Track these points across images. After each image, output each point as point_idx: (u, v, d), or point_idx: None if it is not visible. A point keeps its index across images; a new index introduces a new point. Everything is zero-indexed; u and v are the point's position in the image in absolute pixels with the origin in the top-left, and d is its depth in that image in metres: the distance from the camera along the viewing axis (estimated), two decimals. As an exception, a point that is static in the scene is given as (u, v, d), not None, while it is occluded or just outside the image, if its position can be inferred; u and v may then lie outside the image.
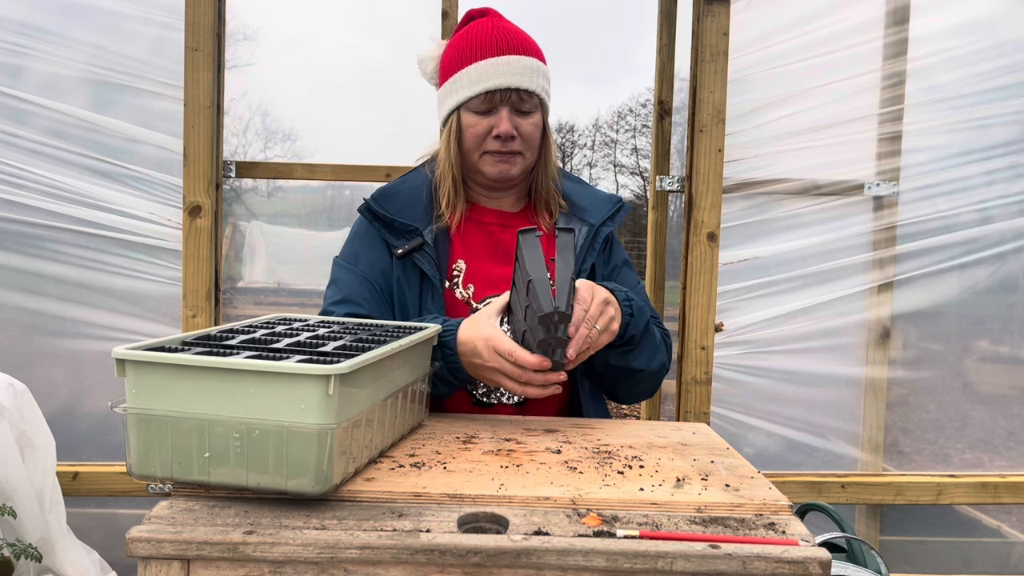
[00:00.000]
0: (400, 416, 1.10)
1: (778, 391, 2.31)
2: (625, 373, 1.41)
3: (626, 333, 1.31)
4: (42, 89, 2.15)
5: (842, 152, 2.30)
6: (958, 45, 2.28)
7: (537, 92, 1.45)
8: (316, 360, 0.90)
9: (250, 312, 2.42)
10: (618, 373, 1.42)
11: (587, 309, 1.21)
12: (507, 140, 1.43)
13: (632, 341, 1.34)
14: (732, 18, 2.17)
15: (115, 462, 2.19)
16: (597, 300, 1.23)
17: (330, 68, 2.45)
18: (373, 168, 2.30)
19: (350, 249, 1.53)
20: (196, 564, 0.80)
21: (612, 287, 1.32)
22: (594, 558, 0.79)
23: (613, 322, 1.25)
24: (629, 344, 1.34)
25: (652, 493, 0.93)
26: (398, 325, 1.23)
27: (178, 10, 2.12)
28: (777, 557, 0.79)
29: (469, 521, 0.87)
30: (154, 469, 0.87)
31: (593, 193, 1.60)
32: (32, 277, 2.17)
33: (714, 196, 2.19)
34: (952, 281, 2.33)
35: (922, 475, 2.31)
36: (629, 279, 1.56)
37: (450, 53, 1.50)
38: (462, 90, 1.45)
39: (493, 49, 1.43)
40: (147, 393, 0.86)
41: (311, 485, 0.84)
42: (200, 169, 2.14)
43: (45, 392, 2.00)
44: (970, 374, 2.39)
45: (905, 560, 2.42)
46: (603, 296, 1.24)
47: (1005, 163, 2.31)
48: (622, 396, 1.52)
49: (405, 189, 1.54)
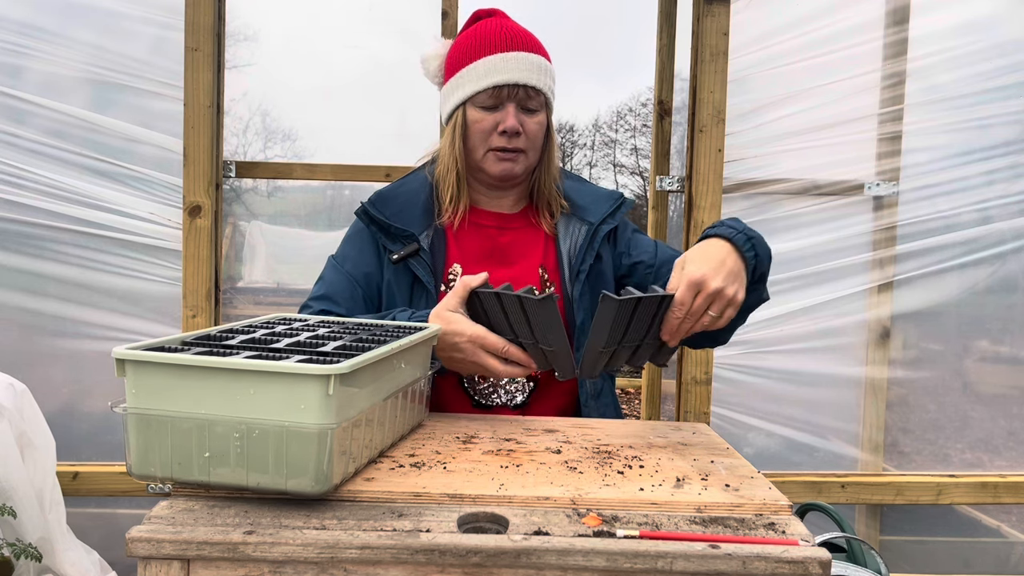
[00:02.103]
0: (400, 416, 1.10)
1: (778, 391, 2.31)
2: (748, 308, 1.35)
3: (754, 273, 1.23)
4: (42, 89, 2.15)
5: (842, 152, 2.30)
6: (958, 45, 2.28)
7: (543, 90, 1.45)
8: (316, 360, 0.90)
9: (250, 312, 2.43)
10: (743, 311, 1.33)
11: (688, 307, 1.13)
12: (512, 136, 1.43)
13: (763, 278, 1.30)
14: (732, 18, 2.17)
15: (115, 462, 2.19)
16: (704, 294, 1.13)
17: (330, 68, 2.45)
18: (373, 168, 2.30)
19: (342, 249, 1.54)
20: (196, 564, 0.80)
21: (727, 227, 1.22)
22: (594, 558, 0.79)
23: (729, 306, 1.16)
24: (760, 280, 1.29)
25: (652, 493, 0.93)
26: (398, 325, 1.23)
27: (178, 10, 2.12)
28: (777, 557, 0.79)
29: (469, 521, 0.87)
30: (154, 469, 0.87)
31: (593, 191, 1.60)
32: (32, 277, 2.16)
33: (714, 196, 2.19)
34: (952, 281, 2.33)
35: (922, 475, 2.31)
36: (644, 242, 1.56)
37: (456, 50, 1.50)
38: (469, 84, 1.45)
39: (501, 45, 1.44)
40: (147, 393, 0.86)
41: (311, 485, 0.84)
42: (200, 169, 2.14)
43: (45, 392, 2.00)
44: (970, 374, 2.39)
45: (905, 560, 2.42)
46: (713, 288, 1.13)
47: (1005, 163, 2.30)
48: (726, 335, 1.43)
49: (403, 192, 1.53)
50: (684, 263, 1.17)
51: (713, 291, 1.13)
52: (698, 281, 1.13)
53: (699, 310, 1.14)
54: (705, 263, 1.15)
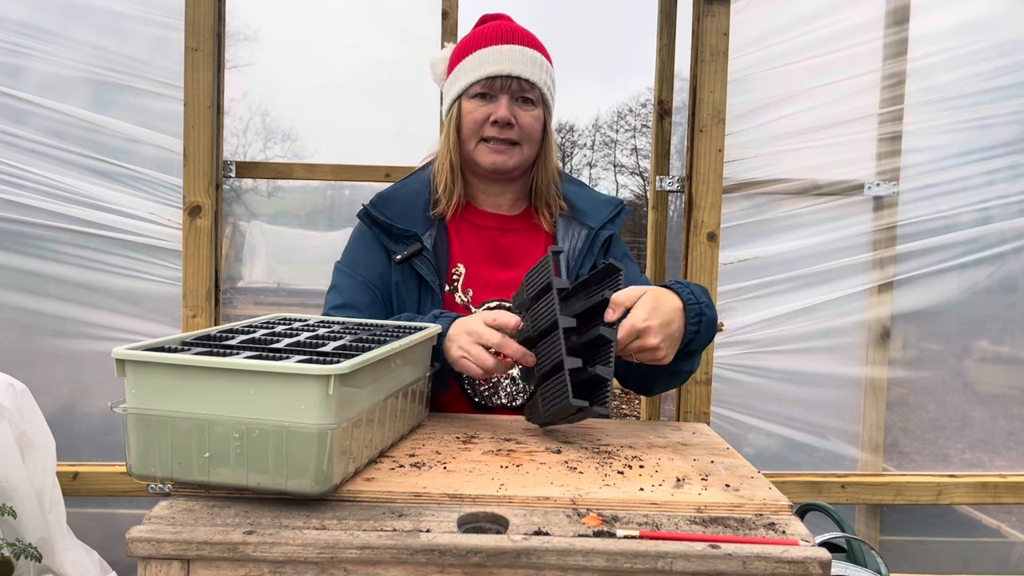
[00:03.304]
0: (400, 416, 1.10)
1: (778, 391, 2.31)
2: (672, 373, 1.37)
3: (688, 346, 1.25)
4: (42, 89, 2.15)
5: (842, 152, 2.29)
6: (958, 45, 2.28)
7: (538, 84, 1.45)
8: (316, 360, 0.90)
9: (250, 312, 2.42)
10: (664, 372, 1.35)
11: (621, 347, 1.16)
12: (504, 127, 1.43)
13: (693, 354, 1.31)
14: (732, 18, 2.17)
15: (115, 462, 2.19)
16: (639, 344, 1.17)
17: (330, 68, 2.45)
18: (373, 168, 2.30)
19: (350, 254, 1.53)
20: (196, 564, 0.80)
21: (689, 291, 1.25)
22: (594, 558, 0.79)
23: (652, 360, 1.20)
24: (690, 354, 1.30)
25: (652, 493, 0.93)
26: (398, 325, 1.23)
27: (178, 10, 2.12)
28: (777, 557, 0.79)
29: (469, 521, 0.87)
30: (154, 469, 0.87)
31: (593, 196, 1.60)
32: (32, 277, 2.16)
33: (714, 196, 2.19)
34: (952, 281, 2.33)
35: (922, 475, 2.31)
36: (632, 272, 1.56)
37: (457, 49, 1.52)
38: (463, 78, 1.46)
39: (496, 39, 1.45)
40: (147, 393, 0.86)
41: (311, 485, 0.84)
42: (200, 169, 2.14)
43: (45, 392, 2.00)
44: (970, 374, 2.39)
45: (905, 560, 2.42)
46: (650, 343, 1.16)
47: (1005, 163, 2.30)
48: (657, 390, 1.49)
49: (404, 193, 1.54)
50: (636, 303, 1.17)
51: (648, 346, 1.17)
52: (641, 331, 1.16)
53: (626, 352, 1.19)
54: (655, 317, 1.17)
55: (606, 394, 1.11)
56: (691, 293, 1.24)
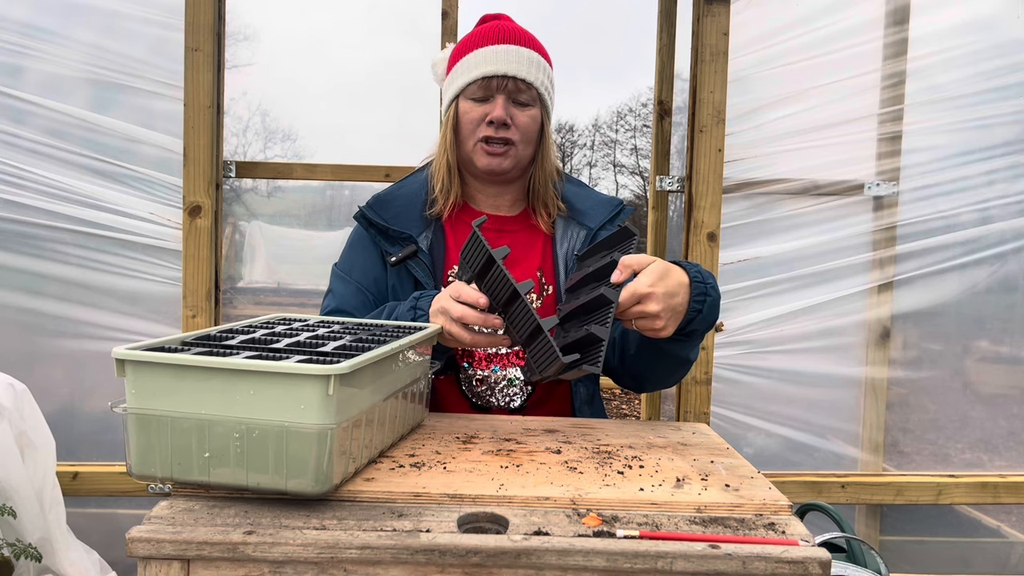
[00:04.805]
0: (400, 416, 1.10)
1: (778, 391, 2.31)
2: (669, 364, 1.35)
3: (689, 325, 1.22)
4: (42, 89, 2.15)
5: (842, 152, 2.30)
6: (958, 45, 2.28)
7: (535, 84, 1.44)
8: (316, 360, 0.89)
9: (250, 312, 2.42)
10: (661, 360, 1.34)
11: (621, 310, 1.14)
12: (500, 127, 1.43)
13: (693, 335, 1.27)
14: (732, 18, 2.17)
15: (115, 462, 2.19)
16: (641, 308, 1.15)
17: (330, 68, 2.45)
18: (373, 168, 2.31)
19: (346, 257, 1.53)
20: (196, 564, 0.80)
21: (696, 270, 1.22)
22: (594, 558, 0.79)
23: (650, 330, 1.17)
24: (689, 336, 1.27)
25: (652, 493, 0.93)
26: (398, 325, 1.23)
27: (178, 10, 2.12)
28: (777, 557, 0.79)
29: (469, 521, 0.86)
30: (154, 469, 0.87)
31: (593, 196, 1.60)
32: (32, 277, 2.17)
33: (714, 196, 2.19)
34: (952, 281, 2.33)
35: (922, 475, 2.31)
36: None
37: (456, 49, 1.52)
38: (460, 78, 1.46)
39: (493, 39, 1.44)
40: (147, 393, 0.86)
41: (311, 485, 0.84)
42: (200, 169, 2.14)
43: (45, 392, 2.00)
44: (970, 374, 2.39)
45: (905, 560, 2.42)
46: (651, 309, 1.14)
47: (1005, 163, 2.30)
48: (651, 385, 1.45)
49: (402, 195, 1.53)
50: (644, 269, 1.15)
51: (649, 312, 1.14)
52: (643, 296, 1.14)
53: (626, 316, 1.16)
54: (660, 285, 1.15)
55: (599, 353, 1.08)
56: (698, 272, 1.23)
